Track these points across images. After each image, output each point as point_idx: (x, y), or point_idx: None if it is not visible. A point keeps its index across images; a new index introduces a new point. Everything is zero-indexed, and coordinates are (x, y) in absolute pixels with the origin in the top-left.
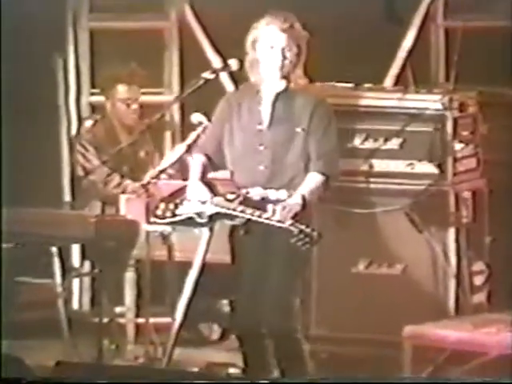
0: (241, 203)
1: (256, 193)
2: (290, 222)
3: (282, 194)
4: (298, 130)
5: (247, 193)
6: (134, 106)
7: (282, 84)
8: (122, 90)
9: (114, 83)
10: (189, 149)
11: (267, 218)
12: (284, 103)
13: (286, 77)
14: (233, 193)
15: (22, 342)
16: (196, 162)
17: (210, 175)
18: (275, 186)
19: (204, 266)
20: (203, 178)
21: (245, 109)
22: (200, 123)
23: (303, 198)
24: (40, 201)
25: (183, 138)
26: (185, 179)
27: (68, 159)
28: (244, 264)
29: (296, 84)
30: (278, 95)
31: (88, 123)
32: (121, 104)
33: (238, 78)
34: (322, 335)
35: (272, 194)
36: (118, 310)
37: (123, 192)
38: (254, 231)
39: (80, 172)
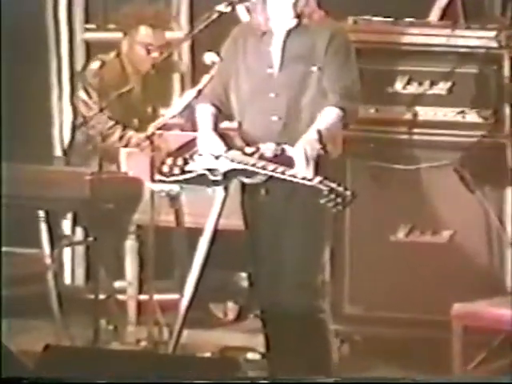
0: (261, 158)
1: (268, 149)
2: (318, 179)
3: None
4: (314, 69)
5: (257, 149)
6: (155, 54)
7: (294, 21)
8: (144, 32)
9: (136, 23)
10: (200, 95)
11: (293, 175)
12: (297, 41)
13: (298, 14)
14: (251, 146)
15: (6, 321)
16: (204, 112)
17: (234, 125)
18: (290, 141)
19: (218, 233)
20: (216, 129)
21: (251, 49)
22: (214, 64)
23: (319, 133)
24: (26, 155)
25: (194, 82)
26: (195, 130)
27: (58, 106)
28: (262, 230)
29: (310, 19)
30: (289, 33)
31: (94, 65)
32: (140, 48)
33: None
34: (356, 315)
35: (289, 150)
36: (117, 284)
37: (126, 146)
38: (274, 191)
39: (78, 122)
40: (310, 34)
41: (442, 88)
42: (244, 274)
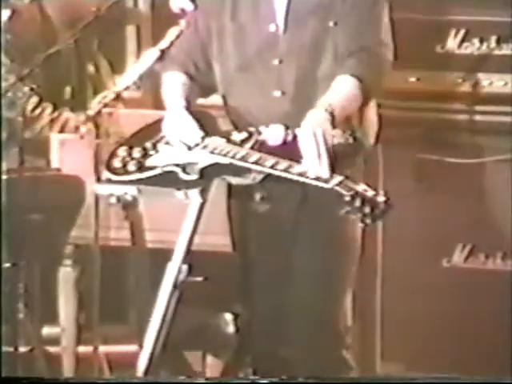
0: (255, 147)
1: (273, 133)
2: (338, 179)
3: None
4: (331, 24)
5: (258, 133)
6: None
7: None
8: None
9: None
10: (163, 56)
11: (301, 174)
12: None
13: None
14: (242, 130)
15: None
16: (173, 82)
17: (219, 100)
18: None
19: (192, 257)
20: (189, 107)
21: None
22: (183, 12)
23: (330, 111)
24: None
25: (155, 38)
26: (159, 108)
27: None
28: (257, 253)
29: None
30: None
31: (3, 14)
32: None
33: None
34: (391, 376)
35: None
36: (45, 331)
37: (59, 131)
38: (274, 197)
39: None
40: None
41: None
42: (229, 316)
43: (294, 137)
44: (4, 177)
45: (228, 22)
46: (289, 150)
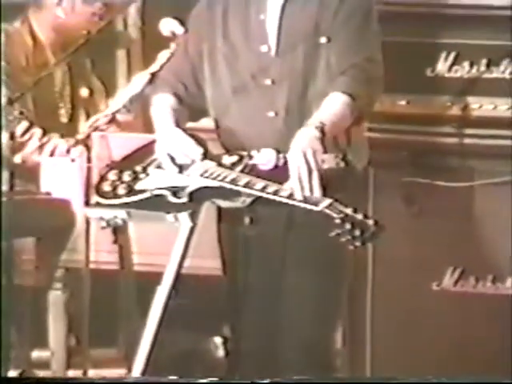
0: (245, 170)
1: (263, 158)
2: (327, 201)
3: None
4: (323, 40)
5: (249, 157)
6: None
7: None
8: None
9: None
10: (154, 79)
11: (290, 197)
12: (299, 4)
13: None
14: (232, 154)
15: None
16: (163, 104)
17: (209, 124)
18: None
19: (182, 280)
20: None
21: (235, 18)
22: (173, 35)
23: (321, 130)
24: None
25: (145, 61)
26: (149, 131)
27: None
28: (246, 276)
29: None
30: None
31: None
32: (60, 10)
33: None
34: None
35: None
36: (35, 354)
37: (50, 155)
38: (263, 220)
39: None
40: None
41: (504, 70)
42: (218, 340)
43: (286, 161)
44: None
45: (219, 43)
46: (280, 174)
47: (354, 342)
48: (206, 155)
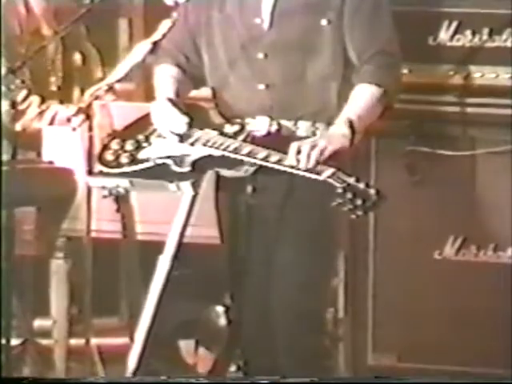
0: (247, 140)
1: (258, 125)
2: (330, 170)
3: (302, 127)
4: (323, 22)
5: (243, 127)
6: None
7: None
8: None
9: None
10: (155, 49)
11: (293, 166)
12: None
13: None
14: (234, 122)
15: None
16: (164, 74)
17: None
18: (288, 116)
19: (184, 249)
20: (176, 99)
21: None
22: (176, 4)
23: (351, 126)
24: None
25: (147, 31)
26: (151, 100)
27: None
28: (247, 245)
29: None
30: None
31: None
32: None
33: None
34: (383, 367)
35: (287, 128)
36: (37, 324)
37: (50, 123)
38: (265, 189)
39: None
40: None
41: (506, 39)
42: (220, 308)
43: (279, 129)
44: None
45: (216, 13)
46: (278, 142)
47: (356, 312)
48: (192, 124)
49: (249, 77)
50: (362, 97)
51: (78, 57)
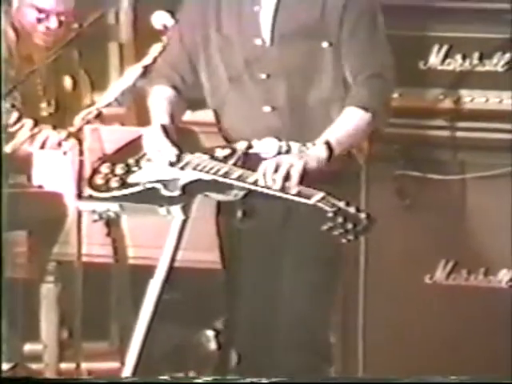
0: (238, 164)
1: (267, 147)
2: (320, 195)
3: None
4: (324, 45)
5: (249, 147)
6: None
7: None
8: None
9: None
10: (146, 72)
11: (284, 190)
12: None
13: None
14: (225, 147)
15: None
16: (159, 96)
17: (201, 116)
18: (296, 138)
19: (174, 273)
20: (171, 123)
21: (228, 9)
22: (165, 28)
23: (328, 148)
24: None
25: (137, 54)
26: (142, 124)
27: None
28: (239, 269)
29: None
30: None
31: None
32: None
33: None
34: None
35: (297, 149)
36: (27, 348)
37: (41, 147)
38: (256, 212)
39: None
40: None
41: (496, 63)
42: (210, 333)
43: (288, 150)
44: None
45: (213, 34)
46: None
47: (347, 336)
48: (180, 157)
49: (253, 98)
50: (347, 120)
51: (68, 81)
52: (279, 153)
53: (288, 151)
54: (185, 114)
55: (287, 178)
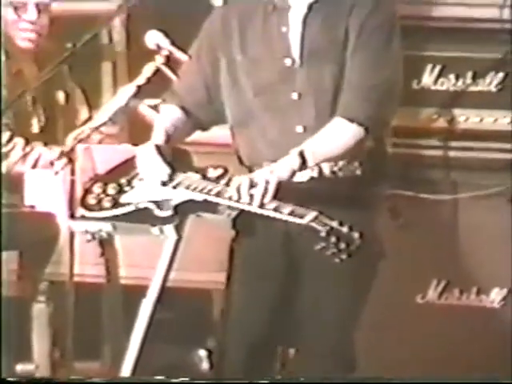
0: (230, 183)
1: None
2: (313, 214)
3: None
4: (349, 54)
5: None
6: (32, 12)
7: None
8: None
9: None
10: (139, 92)
11: (275, 210)
12: (324, 17)
13: None
14: (217, 167)
15: None
16: (164, 115)
17: (194, 136)
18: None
19: (167, 293)
20: (167, 142)
21: (254, 32)
22: (159, 48)
23: (302, 158)
24: None
25: (131, 74)
26: (135, 143)
27: None
28: (233, 289)
29: None
30: (311, 6)
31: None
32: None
33: None
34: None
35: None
36: (19, 368)
37: (33, 167)
38: (249, 232)
39: None
40: (344, 4)
41: (489, 83)
42: (203, 352)
43: (320, 172)
44: None
45: (239, 56)
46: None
47: None
48: (172, 177)
49: (284, 118)
50: (329, 131)
51: (61, 96)
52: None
53: (321, 173)
54: (191, 134)
55: (263, 192)
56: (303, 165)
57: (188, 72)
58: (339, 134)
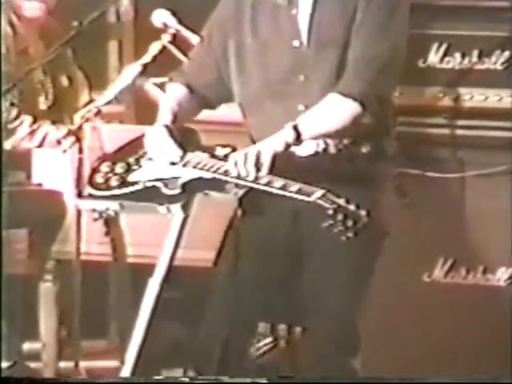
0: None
1: (304, 145)
2: (320, 192)
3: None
4: (354, 31)
5: (234, 150)
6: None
7: None
8: None
9: None
10: (145, 70)
11: (282, 188)
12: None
13: None
14: (225, 145)
15: None
16: (170, 94)
17: (202, 115)
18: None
19: (174, 271)
20: (175, 121)
21: (265, 15)
22: (166, 26)
23: (296, 131)
24: None
25: (137, 53)
26: (141, 122)
27: None
28: (241, 266)
29: None
30: None
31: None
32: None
33: None
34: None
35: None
36: (26, 346)
37: (39, 145)
38: (257, 211)
39: None
40: None
41: (495, 61)
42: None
43: (326, 148)
44: None
45: (248, 39)
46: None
47: None
48: (184, 157)
49: (288, 99)
50: (324, 106)
51: (64, 78)
52: (316, 152)
53: (326, 149)
54: (198, 113)
55: (258, 165)
56: (298, 138)
57: (199, 52)
58: (334, 109)
